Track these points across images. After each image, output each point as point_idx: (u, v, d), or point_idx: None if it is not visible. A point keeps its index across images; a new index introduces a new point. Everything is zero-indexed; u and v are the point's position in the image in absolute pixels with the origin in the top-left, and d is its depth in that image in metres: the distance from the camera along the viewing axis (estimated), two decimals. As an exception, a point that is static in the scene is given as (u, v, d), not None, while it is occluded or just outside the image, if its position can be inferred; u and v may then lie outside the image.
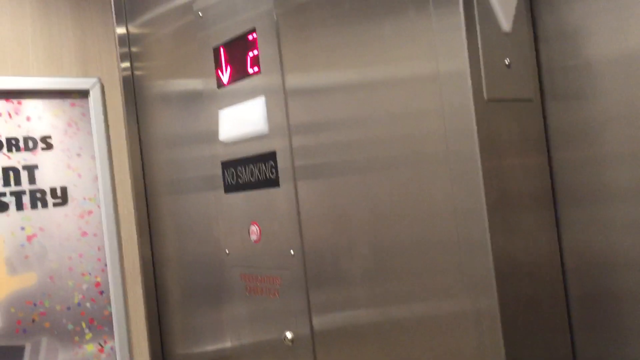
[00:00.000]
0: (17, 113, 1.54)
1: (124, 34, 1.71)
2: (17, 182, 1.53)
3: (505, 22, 0.81)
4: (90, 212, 1.65)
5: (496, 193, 0.80)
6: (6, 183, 1.51)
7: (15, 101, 1.53)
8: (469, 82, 0.78)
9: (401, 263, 0.93)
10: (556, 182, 0.89)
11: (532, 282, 0.84)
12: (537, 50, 0.88)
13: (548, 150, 0.89)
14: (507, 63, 0.81)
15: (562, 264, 0.89)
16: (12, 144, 1.53)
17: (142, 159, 1.72)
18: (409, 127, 0.90)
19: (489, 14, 0.80)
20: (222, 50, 1.30)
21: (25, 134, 1.55)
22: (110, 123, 1.70)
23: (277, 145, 1.17)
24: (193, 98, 1.45)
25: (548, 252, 0.87)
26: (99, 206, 1.67)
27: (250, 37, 1.21)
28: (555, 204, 0.89)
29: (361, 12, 0.98)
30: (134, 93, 1.71)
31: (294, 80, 1.13)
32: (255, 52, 1.20)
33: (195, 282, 1.54)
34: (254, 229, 1.26)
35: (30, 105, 1.56)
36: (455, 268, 0.83)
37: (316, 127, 1.09)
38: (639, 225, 0.81)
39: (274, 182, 1.19)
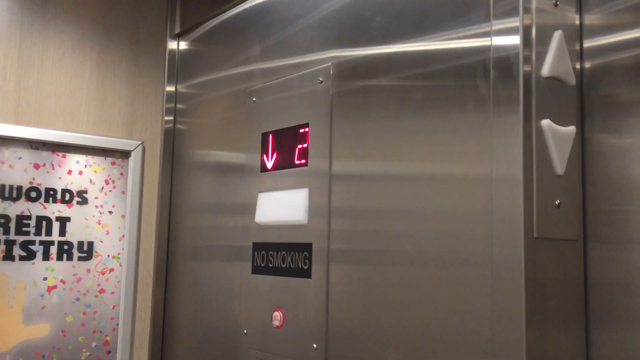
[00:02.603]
0: (59, 165, 1.59)
1: (172, 92, 1.77)
2: (49, 232, 1.55)
3: (560, 165, 0.85)
4: (111, 270, 1.67)
5: (536, 303, 0.81)
6: (38, 232, 1.53)
7: (60, 154, 1.58)
8: (522, 220, 0.81)
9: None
10: (590, 303, 0.91)
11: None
12: (583, 193, 0.92)
13: (585, 273, 0.91)
14: (557, 204, 0.85)
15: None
16: (49, 195, 1.57)
17: (169, 222, 1.74)
18: (454, 225, 0.91)
19: (545, 157, 0.84)
20: (270, 137, 1.34)
21: (63, 186, 1.59)
22: (145, 184, 1.74)
23: (315, 237, 1.19)
24: (232, 174, 1.48)
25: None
26: (120, 265, 1.68)
27: (301, 130, 1.25)
28: (587, 324, 0.91)
29: (419, 103, 1.00)
30: (173, 156, 1.76)
31: (341, 167, 1.14)
32: (305, 145, 1.24)
33: (205, 357, 1.53)
34: (278, 314, 1.26)
35: (73, 160, 1.61)
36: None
37: (357, 218, 1.09)
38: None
39: (305, 273, 1.20)
